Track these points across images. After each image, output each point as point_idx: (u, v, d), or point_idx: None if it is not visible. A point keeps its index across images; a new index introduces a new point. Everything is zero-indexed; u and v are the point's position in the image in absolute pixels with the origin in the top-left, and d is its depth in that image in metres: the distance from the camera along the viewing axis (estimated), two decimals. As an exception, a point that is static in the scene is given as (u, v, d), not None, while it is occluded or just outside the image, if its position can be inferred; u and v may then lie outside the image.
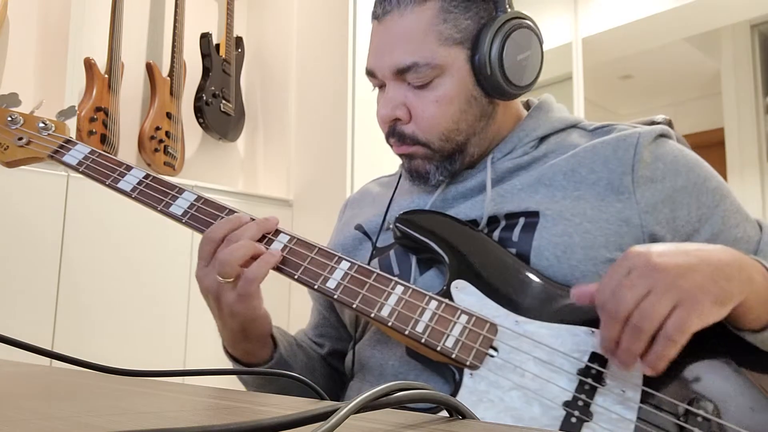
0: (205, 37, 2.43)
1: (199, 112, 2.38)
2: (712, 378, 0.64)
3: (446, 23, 0.76)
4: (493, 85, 0.77)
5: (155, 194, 0.81)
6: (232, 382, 0.83)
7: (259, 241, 0.74)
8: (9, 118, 0.89)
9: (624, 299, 0.58)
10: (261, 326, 0.76)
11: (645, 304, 0.57)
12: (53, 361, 0.91)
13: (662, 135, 0.78)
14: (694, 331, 0.57)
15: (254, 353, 0.78)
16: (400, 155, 0.82)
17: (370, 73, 0.81)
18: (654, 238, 0.72)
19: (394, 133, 0.79)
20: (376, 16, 0.79)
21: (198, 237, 0.75)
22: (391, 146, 0.82)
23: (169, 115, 2.26)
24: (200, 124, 2.40)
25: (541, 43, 0.80)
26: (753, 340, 0.65)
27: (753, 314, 0.63)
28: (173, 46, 2.31)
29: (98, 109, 2.03)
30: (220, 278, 0.70)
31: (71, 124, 1.88)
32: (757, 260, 0.66)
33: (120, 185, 0.82)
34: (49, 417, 0.32)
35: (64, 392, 0.44)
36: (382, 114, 0.79)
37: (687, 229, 0.73)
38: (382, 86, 0.81)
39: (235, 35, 2.53)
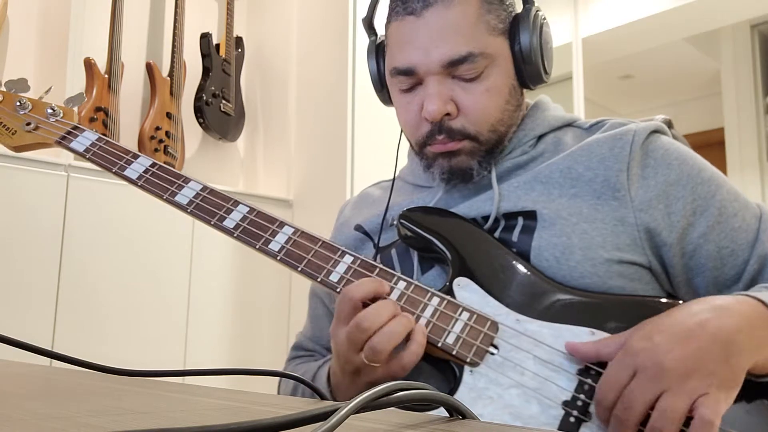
0: (205, 37, 2.43)
1: (199, 112, 2.38)
2: None
3: (491, 14, 0.77)
4: (534, 72, 0.79)
5: (161, 183, 0.80)
6: (233, 382, 0.83)
7: (264, 235, 0.74)
8: (18, 103, 0.89)
9: (634, 407, 0.57)
10: None
11: (663, 404, 0.56)
12: (53, 361, 0.91)
13: (656, 131, 0.78)
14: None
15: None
16: (442, 154, 0.78)
17: (407, 72, 0.77)
18: (650, 234, 0.72)
19: (442, 130, 0.76)
20: (411, 11, 0.76)
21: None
22: (427, 146, 0.78)
23: (169, 115, 2.26)
24: (200, 124, 2.40)
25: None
26: (752, 379, 0.65)
27: (759, 370, 0.63)
28: (173, 46, 2.31)
29: (98, 109, 2.03)
30: (367, 361, 0.65)
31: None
32: (760, 300, 0.64)
33: (126, 173, 0.81)
34: (49, 417, 0.32)
35: (64, 392, 0.44)
36: (432, 110, 0.75)
37: (682, 223, 0.73)
38: (412, 88, 0.78)
39: (235, 35, 2.53)
